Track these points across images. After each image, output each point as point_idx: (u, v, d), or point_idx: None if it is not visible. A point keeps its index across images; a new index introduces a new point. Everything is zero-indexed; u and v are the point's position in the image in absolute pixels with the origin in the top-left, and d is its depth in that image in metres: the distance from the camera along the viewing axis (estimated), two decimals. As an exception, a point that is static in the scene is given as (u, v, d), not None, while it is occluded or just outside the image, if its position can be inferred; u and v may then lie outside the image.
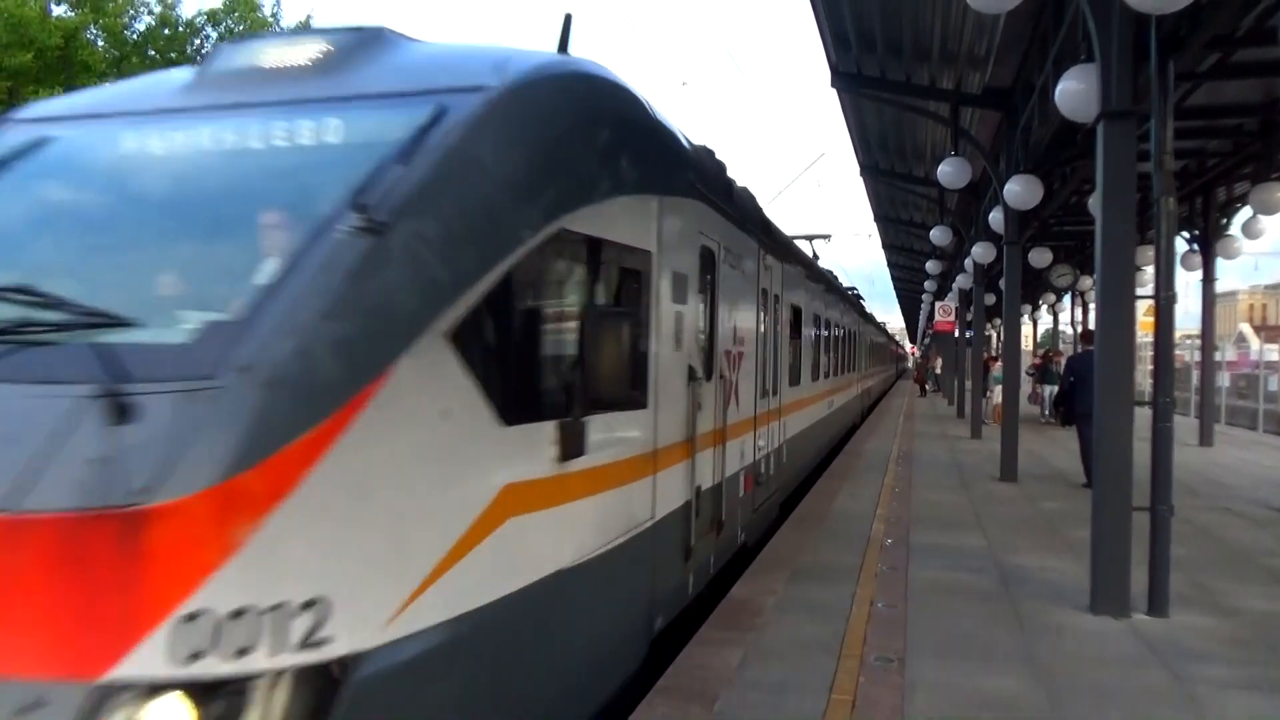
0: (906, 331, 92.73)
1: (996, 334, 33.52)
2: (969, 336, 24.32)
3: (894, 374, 61.43)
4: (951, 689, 5.07)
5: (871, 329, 32.50)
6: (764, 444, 9.05)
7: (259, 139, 3.69)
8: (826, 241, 25.72)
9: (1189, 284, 23.97)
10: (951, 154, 13.65)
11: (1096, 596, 6.60)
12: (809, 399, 13.02)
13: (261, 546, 2.59)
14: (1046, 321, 39.81)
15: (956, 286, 25.66)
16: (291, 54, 3.99)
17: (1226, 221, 18.86)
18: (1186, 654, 5.73)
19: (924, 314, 50.76)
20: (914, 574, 7.62)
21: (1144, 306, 12.15)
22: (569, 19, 4.62)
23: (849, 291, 22.88)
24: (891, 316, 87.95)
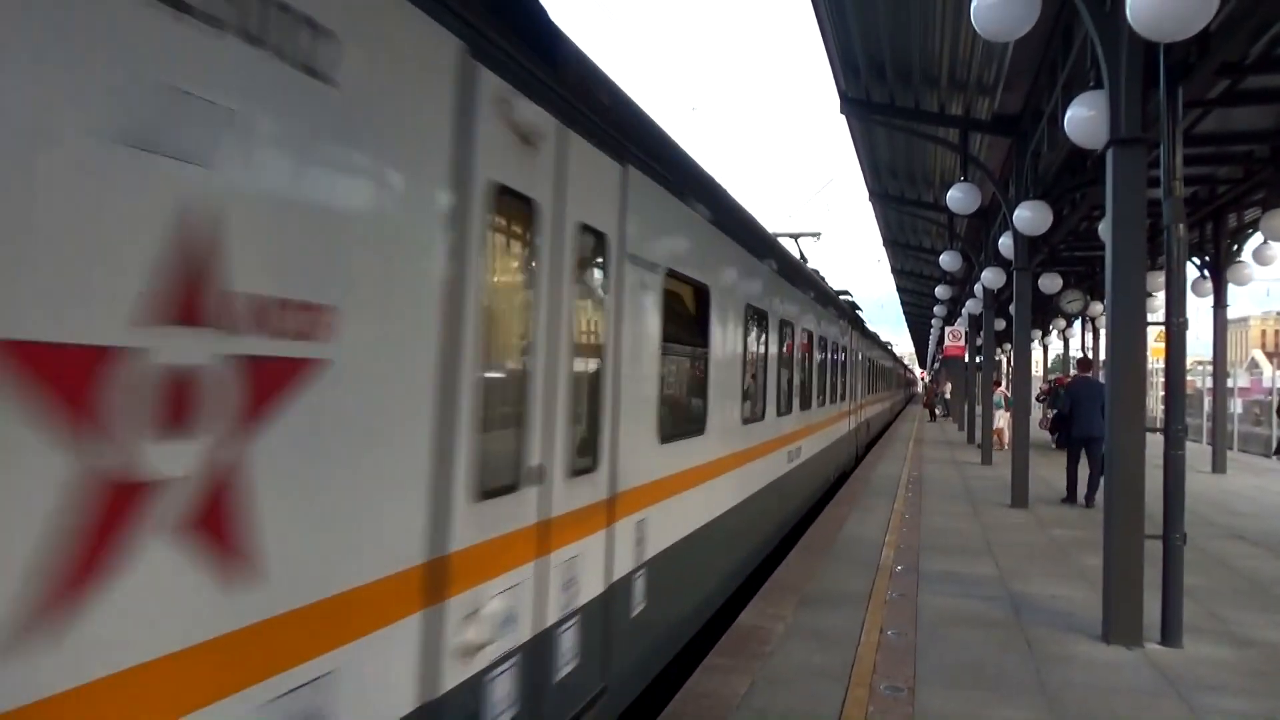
0: (916, 356, 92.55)
1: (1007, 359, 33.45)
2: (979, 361, 24.22)
3: (903, 399, 61.16)
4: None
5: (872, 347, 26.54)
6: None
7: None
8: (816, 240, 21.05)
9: (1200, 310, 23.87)
10: (961, 180, 13.65)
11: (1109, 625, 6.53)
12: (751, 450, 8.40)
13: None
14: (1057, 347, 39.65)
15: (966, 311, 25.62)
16: None
17: (1237, 248, 18.82)
18: (1201, 685, 5.65)
19: (933, 338, 50.68)
20: (924, 601, 7.55)
21: (1155, 332, 12.12)
22: None
23: (838, 297, 17.79)
24: (900, 338, 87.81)
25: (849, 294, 21.32)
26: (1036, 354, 37.12)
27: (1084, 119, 7.79)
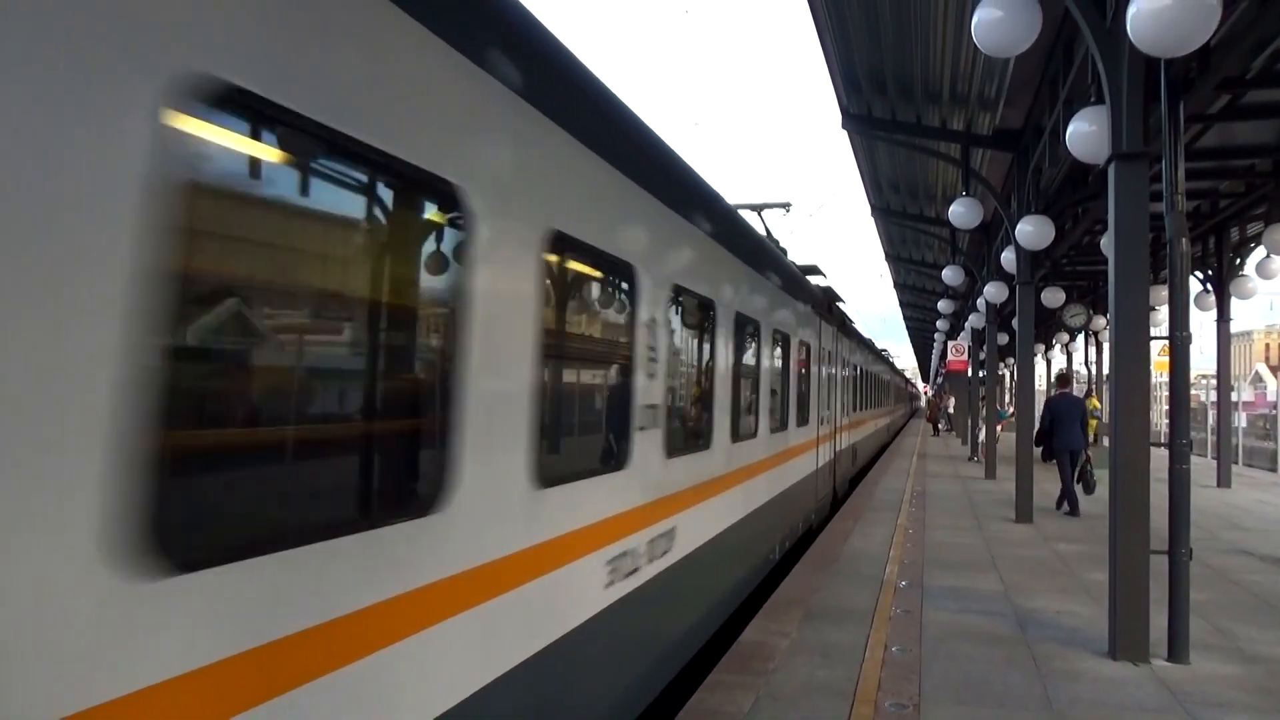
0: (919, 370, 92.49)
1: (1010, 373, 33.40)
2: (983, 376, 24.19)
3: (905, 415, 60.91)
4: (968, 736, 4.97)
5: (861, 351, 20.98)
6: None
7: None
8: (785, 212, 15.45)
9: (1203, 324, 23.87)
10: (963, 194, 13.68)
11: (1115, 642, 6.49)
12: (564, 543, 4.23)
13: None
14: (1059, 361, 39.61)
15: (969, 326, 25.60)
16: None
17: (1240, 261, 18.84)
18: (1208, 702, 5.61)
19: (936, 353, 50.64)
20: (928, 617, 7.51)
21: (1158, 346, 12.11)
22: None
23: (803, 277, 12.49)
24: (903, 352, 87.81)
25: (821, 274, 14.25)
26: (1039, 368, 37.09)
27: (1085, 134, 7.82)
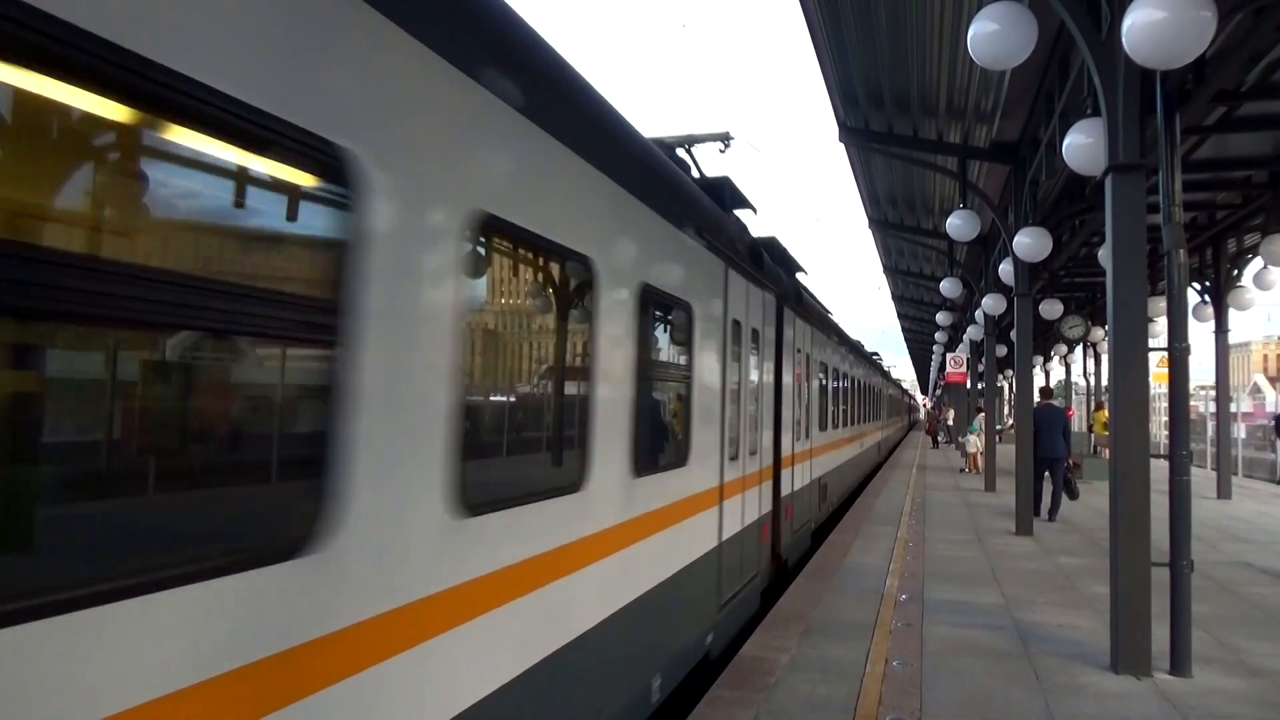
0: (918, 382, 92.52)
1: (1009, 385, 33.40)
2: (981, 387, 24.18)
3: (902, 428, 60.82)
4: (970, 752, 4.93)
5: (834, 348, 15.85)
6: None
7: None
8: (724, 147, 10.40)
9: (1201, 335, 23.93)
10: (960, 207, 13.71)
11: (1117, 655, 6.45)
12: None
13: None
14: (1058, 373, 39.62)
15: (967, 338, 25.61)
16: None
17: (1238, 272, 18.85)
18: (1211, 715, 5.57)
19: (935, 365, 50.66)
20: (929, 631, 7.47)
21: (1157, 358, 12.11)
22: None
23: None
24: (902, 364, 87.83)
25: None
26: (1038, 380, 37.09)
27: (1082, 146, 7.84)
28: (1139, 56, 5.80)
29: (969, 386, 28.46)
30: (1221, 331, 18.88)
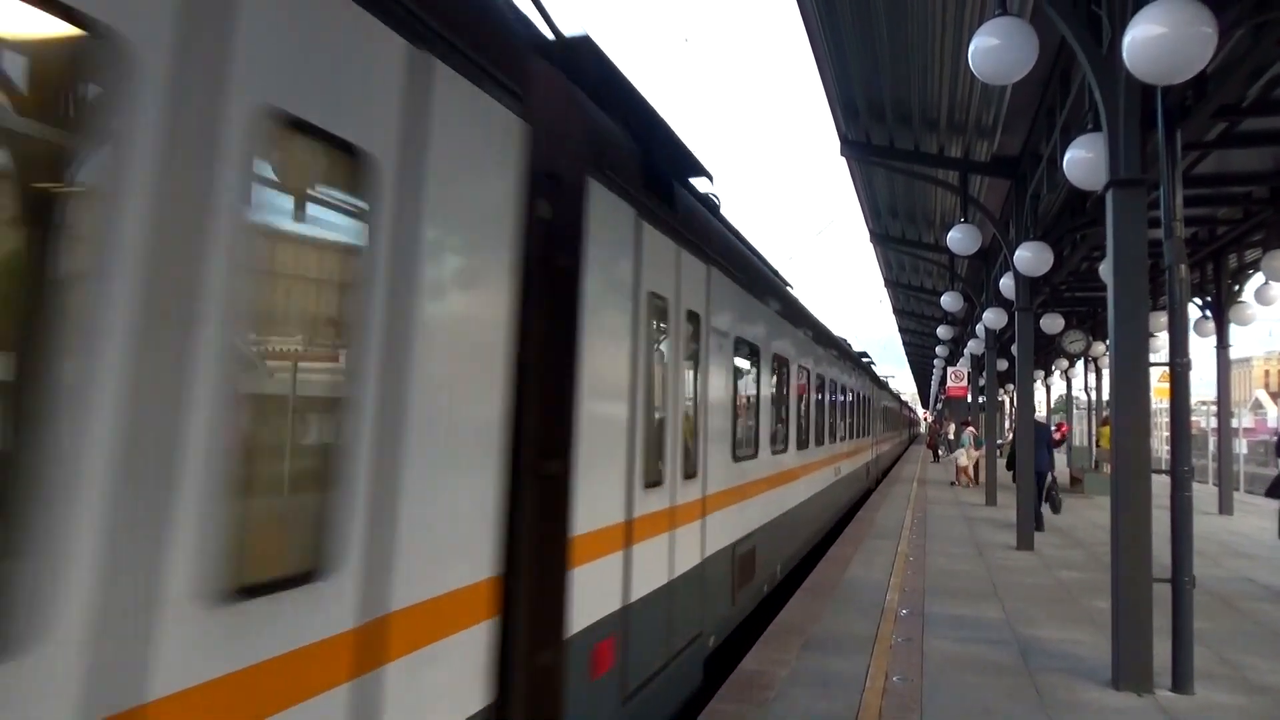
0: (919, 396, 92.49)
1: (1010, 399, 33.35)
2: (982, 402, 24.16)
3: (907, 440, 60.90)
4: (970, 768, 4.90)
5: (796, 326, 11.46)
6: None
7: None
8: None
9: (1203, 350, 23.89)
10: (961, 221, 13.73)
11: (1118, 671, 6.41)
12: None
13: None
14: (1059, 387, 39.59)
15: (968, 351, 25.59)
16: None
17: (1239, 288, 18.86)
18: (1214, 733, 5.53)
19: (936, 379, 50.65)
20: (930, 646, 7.43)
21: (1158, 373, 12.10)
22: None
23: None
24: (903, 378, 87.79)
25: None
26: (1039, 394, 37.05)
27: (1083, 160, 7.85)
28: (1140, 72, 5.82)
29: (970, 400, 28.42)
30: (1223, 347, 18.86)
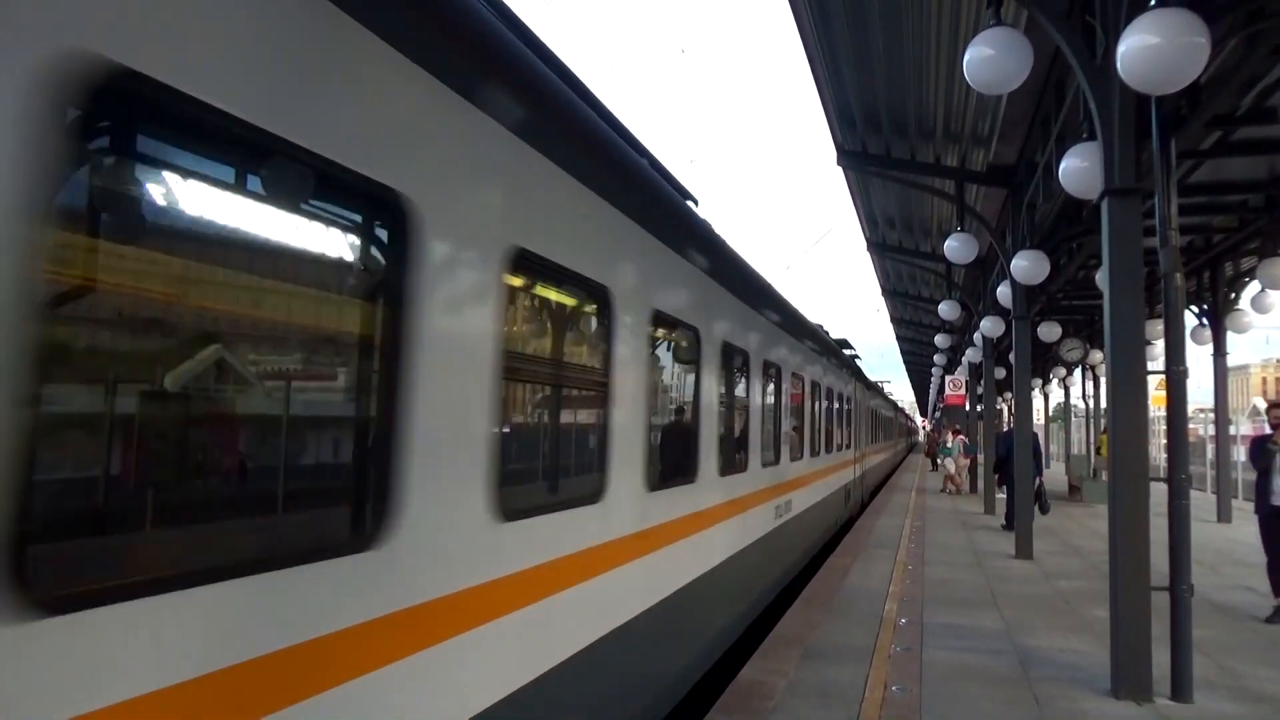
0: (917, 404, 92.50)
1: (1008, 407, 33.35)
2: (980, 410, 24.15)
3: (904, 449, 60.96)
4: (969, 779, 4.88)
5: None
6: None
7: None
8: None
9: (1200, 358, 23.89)
10: (958, 230, 13.76)
11: (1118, 680, 6.40)
12: None
13: None
14: (1057, 395, 39.58)
15: (966, 360, 25.60)
16: None
17: (1235, 296, 18.90)
18: (1214, 742, 5.52)
19: (934, 387, 50.64)
20: (929, 655, 7.41)
21: (1156, 381, 12.13)
22: None
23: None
24: (901, 387, 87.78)
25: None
26: (1037, 402, 37.06)
27: (1078, 170, 7.87)
28: (1134, 81, 5.84)
29: (968, 409, 28.42)
30: (1220, 354, 18.90)
